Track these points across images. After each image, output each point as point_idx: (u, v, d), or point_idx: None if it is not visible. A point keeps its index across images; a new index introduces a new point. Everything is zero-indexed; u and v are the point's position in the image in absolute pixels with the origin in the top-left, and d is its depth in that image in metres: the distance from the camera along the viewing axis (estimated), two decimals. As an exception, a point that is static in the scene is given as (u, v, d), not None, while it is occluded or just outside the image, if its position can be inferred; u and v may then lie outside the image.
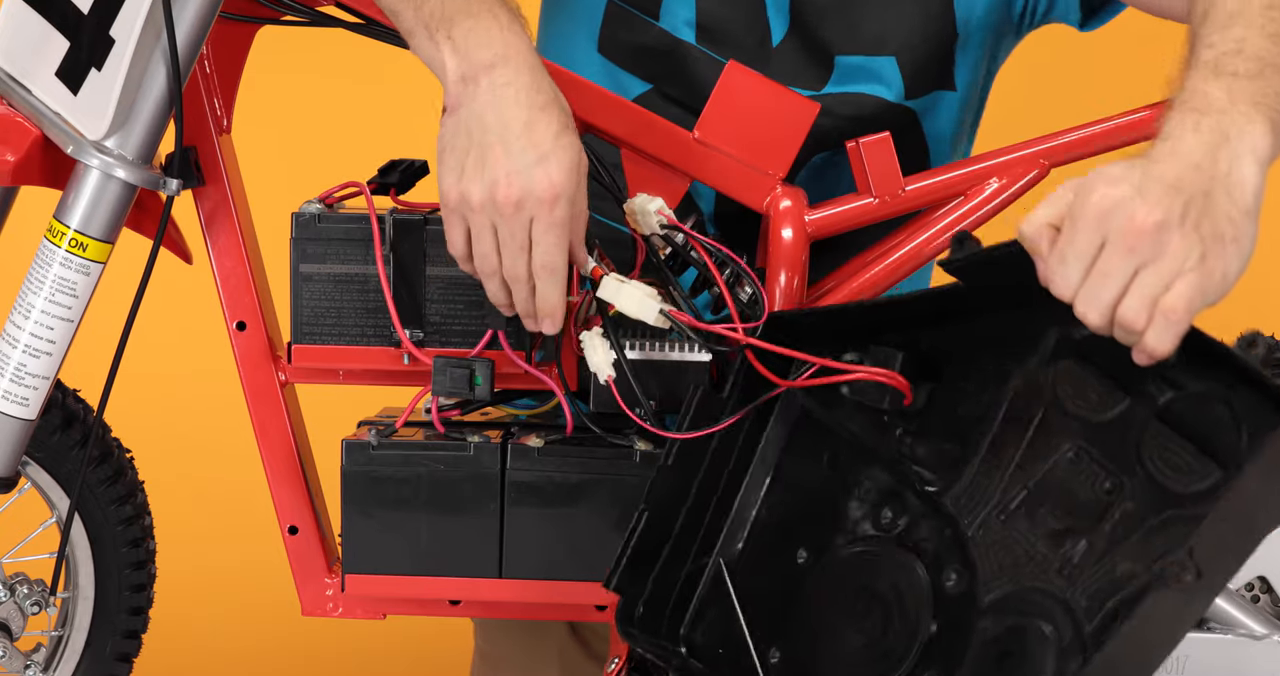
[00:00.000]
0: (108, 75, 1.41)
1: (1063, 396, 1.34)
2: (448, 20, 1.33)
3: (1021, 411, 1.35)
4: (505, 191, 1.30)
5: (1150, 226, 1.12)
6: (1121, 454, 1.31)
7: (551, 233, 1.31)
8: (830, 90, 1.62)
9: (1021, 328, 1.34)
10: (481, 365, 1.47)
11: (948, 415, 1.39)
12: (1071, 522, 1.32)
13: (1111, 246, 1.13)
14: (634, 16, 1.63)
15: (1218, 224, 1.15)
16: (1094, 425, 1.32)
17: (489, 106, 1.31)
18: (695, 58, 1.62)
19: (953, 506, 1.36)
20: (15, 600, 1.61)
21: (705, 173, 1.52)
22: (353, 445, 1.49)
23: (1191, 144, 1.17)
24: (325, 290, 1.51)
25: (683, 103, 1.60)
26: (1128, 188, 1.13)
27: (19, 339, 1.46)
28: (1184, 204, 1.13)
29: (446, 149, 1.33)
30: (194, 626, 2.65)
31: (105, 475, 1.63)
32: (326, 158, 2.15)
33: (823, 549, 1.42)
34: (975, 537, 1.36)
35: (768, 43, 1.63)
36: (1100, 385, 1.32)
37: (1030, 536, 1.34)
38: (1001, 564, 1.34)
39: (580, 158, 1.32)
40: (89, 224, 1.44)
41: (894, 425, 1.40)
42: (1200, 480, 1.27)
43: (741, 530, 1.43)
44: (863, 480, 1.42)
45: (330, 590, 1.61)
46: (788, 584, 1.42)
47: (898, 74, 1.62)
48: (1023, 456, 1.35)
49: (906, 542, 1.39)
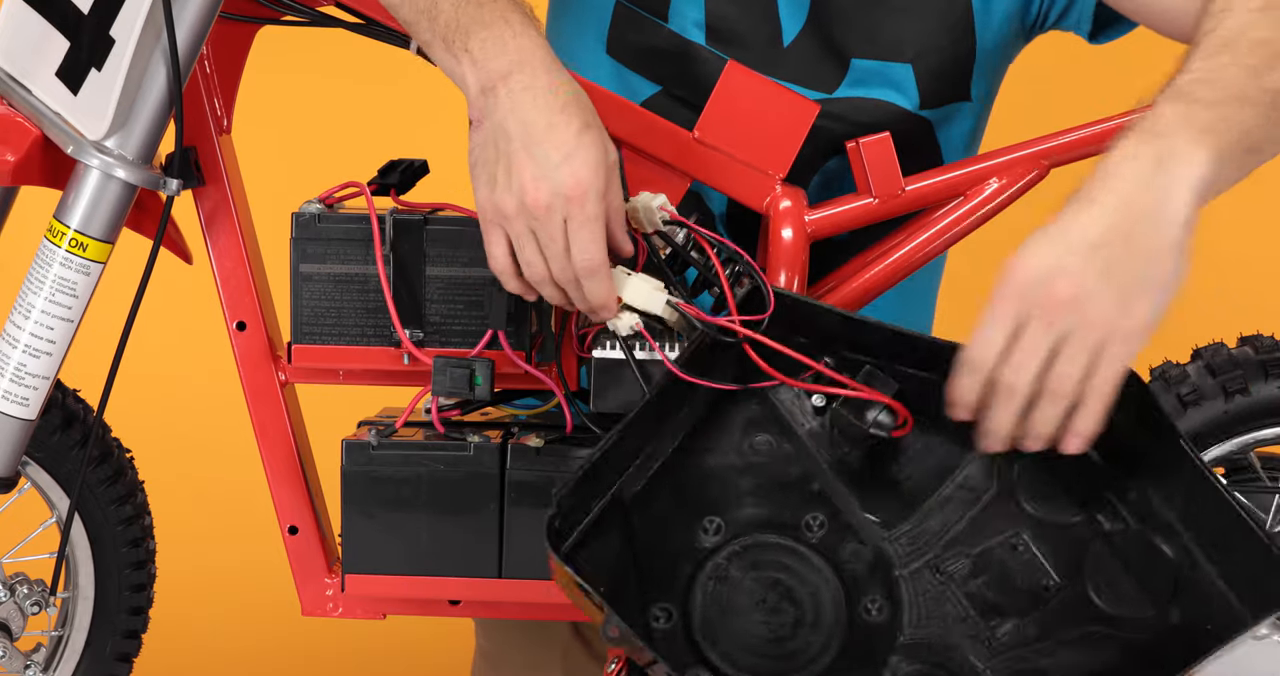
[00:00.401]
0: (108, 75, 1.41)
1: (1019, 486, 1.41)
2: (464, 32, 1.33)
3: (976, 483, 1.41)
4: (534, 195, 1.30)
5: (1068, 299, 1.20)
6: (1066, 559, 1.39)
7: (585, 229, 1.31)
8: (844, 94, 1.62)
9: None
10: (481, 365, 1.47)
11: (906, 460, 1.42)
12: (1004, 602, 1.40)
13: (1029, 334, 1.22)
14: (642, 18, 1.63)
15: (1135, 266, 1.21)
16: (1044, 523, 1.40)
17: (510, 114, 1.31)
18: (704, 59, 1.62)
19: (889, 544, 1.40)
20: (15, 600, 1.61)
21: (705, 173, 1.52)
22: (353, 445, 1.49)
23: (1126, 175, 1.21)
24: (325, 290, 1.51)
25: (692, 104, 1.60)
26: (1049, 262, 1.20)
27: (19, 339, 1.46)
28: (1104, 261, 1.20)
29: (477, 163, 1.34)
30: (194, 626, 2.65)
31: (105, 475, 1.63)
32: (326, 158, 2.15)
33: (738, 526, 1.41)
34: (905, 579, 1.40)
35: (778, 42, 1.62)
36: (1057, 492, 1.40)
37: (963, 599, 1.40)
38: (929, 613, 1.40)
39: (606, 151, 1.32)
40: (89, 224, 1.44)
41: (845, 446, 1.42)
42: (1133, 610, 1.37)
43: (644, 474, 1.41)
44: (798, 481, 1.43)
45: (330, 590, 1.61)
46: (689, 548, 1.41)
47: (914, 82, 1.61)
48: (969, 524, 1.40)
49: (828, 555, 1.41)
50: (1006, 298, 1.24)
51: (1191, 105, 1.25)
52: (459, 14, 1.34)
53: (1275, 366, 1.53)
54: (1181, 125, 1.23)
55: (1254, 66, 1.28)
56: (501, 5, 1.34)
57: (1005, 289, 1.24)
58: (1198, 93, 1.26)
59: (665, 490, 1.41)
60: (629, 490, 1.39)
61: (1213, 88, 1.26)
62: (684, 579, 1.41)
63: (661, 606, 1.41)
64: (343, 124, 2.92)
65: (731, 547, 1.42)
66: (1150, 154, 1.23)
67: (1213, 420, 1.53)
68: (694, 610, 1.41)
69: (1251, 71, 1.28)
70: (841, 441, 1.42)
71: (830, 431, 1.42)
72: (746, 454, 1.44)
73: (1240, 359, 1.54)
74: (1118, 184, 1.22)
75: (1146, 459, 1.39)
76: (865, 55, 1.61)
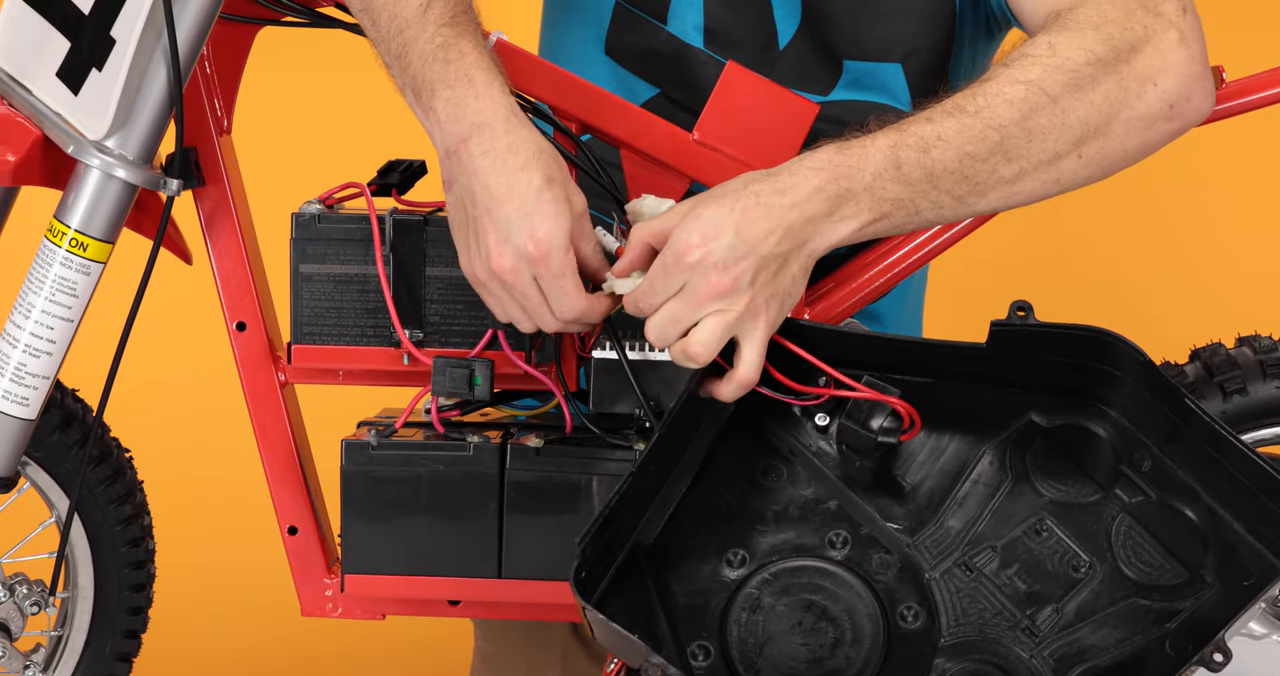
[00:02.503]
0: (108, 75, 1.41)
1: (1033, 473, 1.43)
2: (429, 89, 1.36)
3: (990, 478, 1.42)
4: (498, 262, 1.33)
5: (722, 289, 1.29)
6: (1091, 538, 1.40)
7: (556, 286, 1.33)
8: (838, 97, 1.62)
9: (994, 405, 1.42)
10: (481, 365, 1.47)
11: (917, 466, 1.43)
12: (1039, 589, 1.41)
13: (686, 293, 1.30)
14: (642, 19, 1.63)
15: (780, 284, 1.31)
16: (1064, 506, 1.41)
17: (473, 178, 1.33)
18: (703, 63, 1.62)
19: (914, 549, 1.41)
20: (15, 600, 1.61)
21: (705, 173, 1.52)
22: (352, 445, 1.50)
23: (799, 204, 1.29)
24: (325, 290, 1.51)
25: (690, 108, 1.60)
26: (714, 250, 1.28)
27: (19, 338, 1.46)
28: (755, 270, 1.29)
29: (454, 226, 1.37)
30: (194, 626, 2.65)
31: (104, 475, 1.63)
32: (326, 158, 2.15)
33: (763, 554, 1.42)
34: (937, 581, 1.41)
35: (774, 45, 1.63)
36: (1072, 472, 1.42)
37: (997, 592, 1.41)
38: (966, 611, 1.40)
39: (569, 203, 1.33)
40: (89, 224, 1.44)
41: (855, 460, 1.43)
42: (1167, 578, 1.39)
43: (661, 516, 1.42)
44: (814, 502, 1.44)
45: (330, 590, 1.61)
46: (717, 582, 1.42)
47: (904, 82, 1.61)
48: (991, 517, 1.42)
49: (856, 570, 1.42)
50: (669, 273, 1.31)
51: (896, 172, 1.31)
52: (425, 69, 1.36)
53: (1273, 366, 1.53)
54: (868, 188, 1.31)
55: (971, 154, 1.32)
56: (467, 62, 1.35)
57: (671, 263, 1.30)
58: (908, 161, 1.31)
59: (684, 529, 1.42)
60: (649, 534, 1.40)
61: (923, 161, 1.31)
62: (717, 613, 1.41)
63: (699, 644, 1.41)
64: (343, 125, 2.92)
65: (760, 576, 1.42)
66: (830, 192, 1.30)
67: (1211, 420, 1.54)
68: (731, 643, 1.41)
69: (966, 158, 1.32)
70: (851, 456, 1.43)
71: (838, 448, 1.43)
72: (758, 483, 1.44)
73: (1238, 359, 1.54)
74: (796, 198, 1.30)
75: (1157, 425, 1.39)
76: (856, 57, 1.61)
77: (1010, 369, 1.41)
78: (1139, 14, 1.37)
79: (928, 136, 1.32)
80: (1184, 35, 1.37)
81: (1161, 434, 1.39)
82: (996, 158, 1.33)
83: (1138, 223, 2.87)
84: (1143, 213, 2.84)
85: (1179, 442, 1.38)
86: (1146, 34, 1.36)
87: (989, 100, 1.33)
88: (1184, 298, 2.91)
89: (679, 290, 1.30)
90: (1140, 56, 1.35)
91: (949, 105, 1.34)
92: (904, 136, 1.32)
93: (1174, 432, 1.38)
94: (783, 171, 1.31)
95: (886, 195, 1.31)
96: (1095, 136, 1.35)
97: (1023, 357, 1.40)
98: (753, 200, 1.29)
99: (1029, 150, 1.33)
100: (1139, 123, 1.36)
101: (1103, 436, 1.41)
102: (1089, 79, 1.34)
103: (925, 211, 1.34)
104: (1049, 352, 1.39)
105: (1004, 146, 1.33)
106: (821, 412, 1.43)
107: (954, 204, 1.34)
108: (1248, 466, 1.33)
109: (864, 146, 1.32)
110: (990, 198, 1.35)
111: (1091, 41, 1.35)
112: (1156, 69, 1.36)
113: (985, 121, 1.32)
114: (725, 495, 1.44)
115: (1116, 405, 1.41)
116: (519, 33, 1.52)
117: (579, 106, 1.47)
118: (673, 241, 1.30)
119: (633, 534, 1.39)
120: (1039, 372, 1.41)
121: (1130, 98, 1.35)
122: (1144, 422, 1.40)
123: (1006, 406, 1.43)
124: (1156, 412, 1.38)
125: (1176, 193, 2.82)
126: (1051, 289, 2.93)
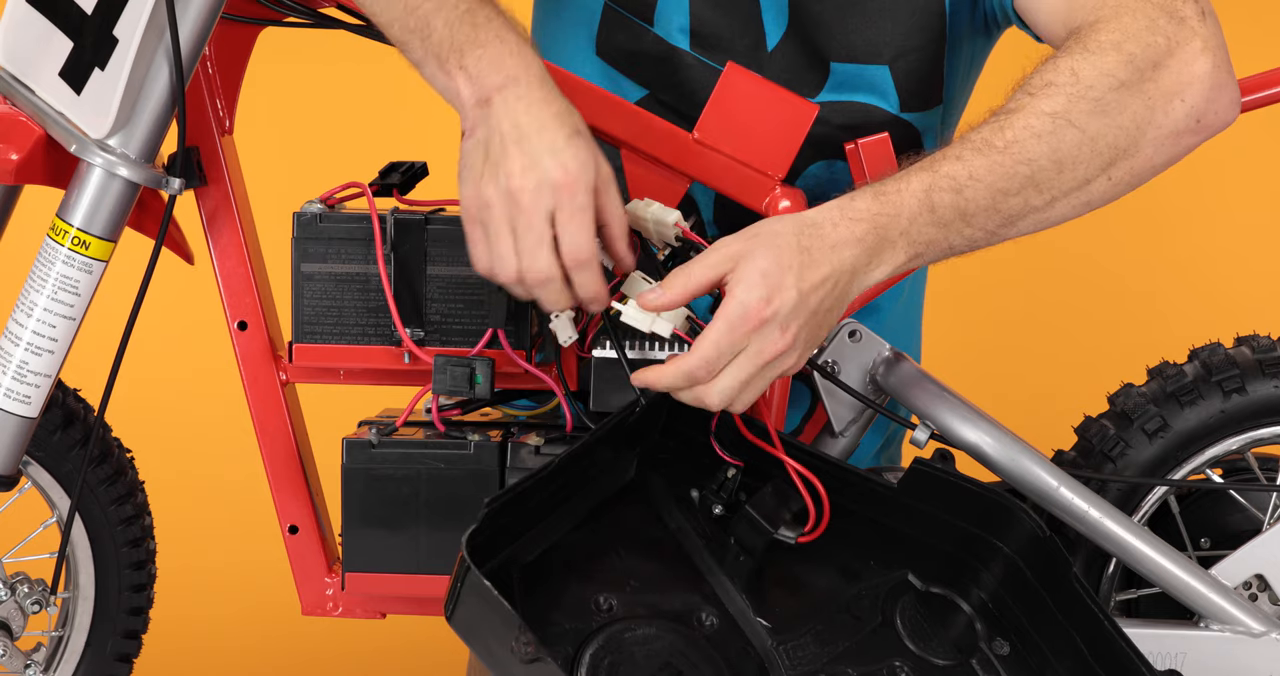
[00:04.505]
0: (111, 75, 1.42)
1: (901, 621, 1.45)
2: (458, 50, 1.34)
3: (862, 611, 1.44)
4: (520, 181, 1.30)
5: (783, 347, 1.29)
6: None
7: (574, 220, 1.30)
8: (826, 98, 1.62)
9: (883, 548, 1.45)
10: (482, 364, 1.47)
11: (800, 577, 1.45)
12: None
13: (752, 353, 1.29)
14: (629, 21, 1.63)
15: (818, 333, 1.32)
16: (923, 661, 1.44)
17: (504, 117, 1.32)
18: (689, 65, 1.62)
19: (776, 653, 1.42)
20: (16, 599, 1.61)
21: (705, 173, 1.52)
22: (353, 443, 1.50)
23: (847, 261, 1.31)
24: (326, 289, 1.51)
25: (677, 109, 1.60)
26: (780, 309, 1.28)
27: (21, 337, 1.46)
28: (808, 329, 1.30)
29: (465, 166, 1.34)
30: (194, 626, 2.65)
31: (105, 475, 1.63)
32: (327, 158, 2.15)
33: (632, 607, 1.41)
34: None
35: (761, 47, 1.63)
36: (936, 633, 1.44)
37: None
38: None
39: (597, 156, 1.32)
40: (92, 222, 1.45)
41: (738, 553, 1.43)
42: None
43: (542, 542, 1.41)
44: (692, 579, 1.44)
45: (330, 589, 1.61)
46: (580, 618, 1.41)
47: (892, 85, 1.62)
48: (854, 647, 1.43)
49: (720, 650, 1.41)
50: (735, 331, 1.30)
51: (931, 215, 1.32)
52: (454, 33, 1.35)
53: (1272, 366, 1.53)
54: (904, 233, 1.32)
55: (1003, 190, 1.33)
56: (496, 25, 1.35)
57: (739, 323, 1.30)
58: (942, 204, 1.32)
59: (560, 562, 1.41)
60: (527, 554, 1.39)
61: (956, 202, 1.33)
62: (574, 644, 1.39)
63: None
64: (344, 125, 2.93)
65: (625, 624, 1.41)
66: (871, 244, 1.31)
67: (1210, 420, 1.54)
68: (581, 673, 1.40)
69: (998, 195, 1.33)
70: (736, 549, 1.44)
71: (728, 539, 1.44)
72: (642, 548, 1.44)
73: (1237, 359, 1.55)
74: (840, 256, 1.31)
75: (1026, 611, 1.42)
76: (843, 58, 1.61)
77: (906, 520, 1.43)
78: (1161, 23, 1.37)
79: (959, 177, 1.33)
80: (1206, 42, 1.37)
81: (1027, 618, 1.42)
82: (1028, 191, 1.34)
83: (1137, 223, 2.87)
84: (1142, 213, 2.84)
85: (1043, 628, 1.41)
86: (1169, 47, 1.36)
87: (1017, 135, 1.33)
88: (1183, 298, 2.91)
89: (744, 350, 1.29)
90: (1165, 72, 1.36)
91: (978, 141, 1.34)
92: (937, 178, 1.33)
93: (1040, 618, 1.41)
94: (825, 223, 1.32)
95: (921, 238, 1.33)
96: (1124, 158, 1.36)
97: (923, 512, 1.42)
98: (806, 257, 1.30)
99: (1059, 180, 1.34)
100: (1167, 139, 1.37)
101: (967, 613, 1.44)
102: (1115, 104, 1.34)
103: (958, 246, 1.35)
104: (951, 512, 1.41)
105: (1035, 180, 1.34)
106: (720, 504, 1.44)
107: (986, 236, 1.36)
108: (1115, 655, 1.36)
109: (899, 192, 1.32)
110: (1021, 225, 1.36)
111: (1114, 64, 1.35)
112: (1183, 84, 1.36)
113: (1015, 157, 1.33)
114: (608, 546, 1.43)
115: (989, 586, 1.44)
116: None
117: (579, 106, 1.47)
118: (740, 301, 1.28)
119: (511, 545, 1.37)
120: (932, 531, 1.43)
121: (1157, 116, 1.36)
122: (1012, 606, 1.43)
123: (889, 556, 1.45)
124: (1029, 596, 1.41)
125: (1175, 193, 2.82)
126: (1051, 289, 2.94)
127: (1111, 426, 1.56)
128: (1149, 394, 1.55)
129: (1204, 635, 1.50)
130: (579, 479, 1.40)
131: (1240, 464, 1.60)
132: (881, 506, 1.43)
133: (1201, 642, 1.50)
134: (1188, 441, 1.54)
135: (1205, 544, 1.60)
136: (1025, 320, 2.94)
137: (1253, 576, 1.53)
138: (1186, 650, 1.50)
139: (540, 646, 1.22)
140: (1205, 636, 1.50)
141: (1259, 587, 1.53)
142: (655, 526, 1.45)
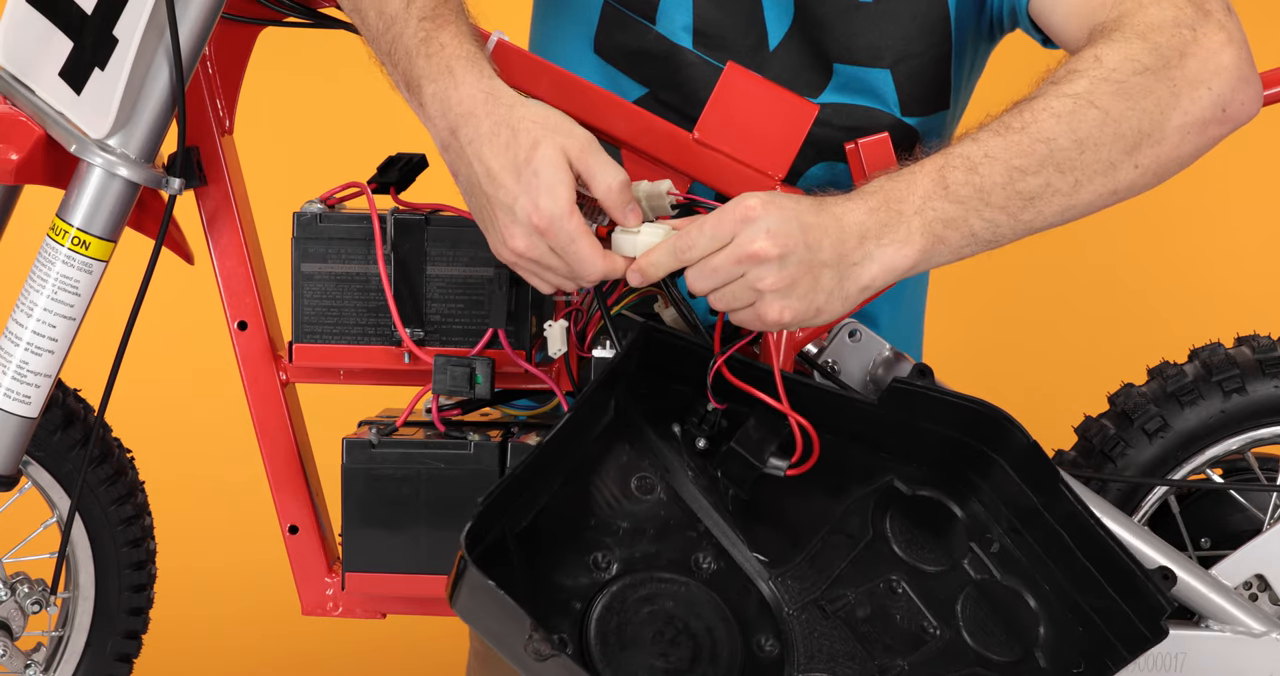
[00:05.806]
0: (111, 75, 1.42)
1: (891, 534, 1.46)
2: (416, 85, 1.36)
3: (854, 529, 1.45)
4: (514, 243, 1.33)
5: (766, 254, 1.28)
6: (941, 604, 1.44)
7: (568, 252, 1.32)
8: (828, 99, 1.62)
9: (866, 462, 1.45)
10: (482, 364, 1.47)
11: (789, 504, 1.45)
12: (889, 642, 1.44)
13: (732, 247, 1.29)
14: (631, 19, 1.63)
15: (814, 295, 1.31)
16: (916, 570, 1.45)
17: (471, 165, 1.33)
18: (691, 63, 1.62)
19: (775, 583, 1.43)
20: (16, 599, 1.62)
21: (705, 173, 1.52)
22: (353, 443, 1.50)
23: (853, 221, 1.30)
24: (326, 289, 1.51)
25: (678, 108, 1.60)
26: (770, 221, 1.28)
27: (21, 337, 1.46)
28: (797, 263, 1.28)
29: (474, 212, 1.37)
30: (194, 626, 2.65)
31: (105, 475, 1.63)
32: (327, 158, 2.15)
33: (629, 562, 1.42)
34: (794, 617, 1.43)
35: (764, 46, 1.63)
36: (926, 541, 1.45)
37: (850, 638, 1.43)
38: (820, 649, 1.43)
39: (557, 165, 1.31)
40: (92, 222, 1.45)
41: (727, 487, 1.44)
42: (1004, 653, 1.43)
43: (531, 507, 1.41)
44: (685, 520, 1.44)
45: (330, 589, 1.61)
46: (580, 581, 1.41)
47: (893, 89, 1.61)
48: (851, 566, 1.44)
49: (719, 593, 1.43)
50: (723, 222, 1.30)
51: (944, 192, 1.31)
52: (411, 66, 1.36)
53: (1272, 366, 1.53)
54: (918, 211, 1.31)
55: (1020, 168, 1.32)
56: (447, 55, 1.36)
57: (729, 214, 1.30)
58: (956, 181, 1.32)
59: (553, 524, 1.41)
60: (518, 521, 1.39)
61: (971, 179, 1.32)
62: (579, 611, 1.41)
63: (559, 637, 1.40)
64: (343, 124, 2.92)
65: (625, 582, 1.42)
66: (880, 221, 1.31)
67: (1210, 420, 1.54)
68: (591, 642, 1.41)
69: (1015, 173, 1.32)
70: (726, 484, 1.44)
71: (715, 473, 1.44)
72: (631, 493, 1.44)
73: (1237, 359, 1.55)
74: (847, 222, 1.30)
75: (1014, 512, 1.43)
76: (846, 60, 1.61)
77: (888, 434, 1.43)
78: (1187, 15, 1.37)
79: (974, 155, 1.32)
80: (1231, 36, 1.37)
81: (1016, 519, 1.42)
82: (1048, 170, 1.33)
83: (1137, 222, 2.87)
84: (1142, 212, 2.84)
85: (1033, 529, 1.41)
86: (1196, 37, 1.36)
87: (1035, 115, 1.33)
88: (1183, 298, 2.91)
89: (727, 243, 1.29)
90: (1191, 60, 1.35)
91: (995, 125, 1.34)
92: (950, 159, 1.33)
93: (1030, 519, 1.41)
94: (837, 197, 1.33)
95: (937, 216, 1.31)
96: (1150, 144, 1.35)
97: (906, 424, 1.42)
98: (815, 203, 1.31)
99: (1081, 161, 1.33)
100: (1194, 127, 1.36)
101: (957, 515, 1.45)
102: (1139, 88, 1.34)
103: (981, 231, 1.33)
104: (935, 422, 1.41)
105: (1054, 159, 1.33)
106: (703, 437, 1.43)
107: (1010, 221, 1.34)
108: (1106, 555, 1.37)
109: (911, 172, 1.33)
110: (1046, 212, 1.35)
111: (1138, 51, 1.35)
112: (1210, 72, 1.36)
113: (1032, 136, 1.32)
114: (597, 498, 1.43)
115: (979, 487, 1.44)
116: (511, 32, 1.53)
117: (580, 106, 1.48)
118: (736, 199, 1.30)
119: (503, 518, 1.38)
120: (917, 443, 1.43)
121: (1183, 102, 1.35)
122: (1001, 507, 1.43)
123: (872, 467, 1.46)
124: (1018, 499, 1.41)
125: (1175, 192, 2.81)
126: (1051, 289, 2.94)
127: (1112, 426, 1.56)
128: (1149, 394, 1.56)
129: (1204, 635, 1.50)
130: (566, 442, 1.40)
131: (1240, 464, 1.60)
132: (863, 423, 1.43)
133: (1201, 642, 1.50)
134: (1188, 441, 1.54)
135: (1205, 544, 1.60)
136: (1025, 319, 2.94)
137: (1253, 576, 1.53)
138: (1186, 650, 1.50)
139: (552, 642, 1.23)
140: (1205, 636, 1.50)
141: (1259, 587, 1.53)
142: (642, 467, 1.44)
